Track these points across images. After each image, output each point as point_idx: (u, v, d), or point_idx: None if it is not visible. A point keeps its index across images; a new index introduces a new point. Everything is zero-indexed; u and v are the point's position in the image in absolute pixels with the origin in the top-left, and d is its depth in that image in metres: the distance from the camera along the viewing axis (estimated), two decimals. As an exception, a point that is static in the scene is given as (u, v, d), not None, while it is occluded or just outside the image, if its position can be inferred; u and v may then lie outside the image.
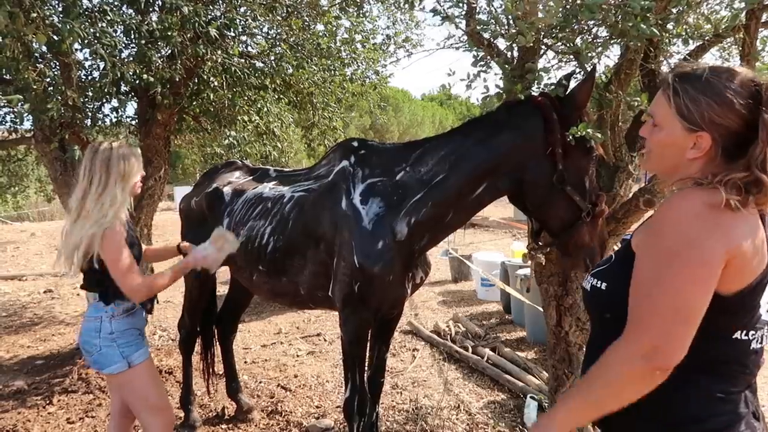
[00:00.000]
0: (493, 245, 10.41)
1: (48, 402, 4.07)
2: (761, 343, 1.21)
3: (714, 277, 1.10)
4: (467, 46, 2.66)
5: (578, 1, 2.12)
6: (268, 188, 3.17)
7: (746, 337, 1.18)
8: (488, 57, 2.58)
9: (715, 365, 1.18)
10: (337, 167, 2.74)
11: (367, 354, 2.90)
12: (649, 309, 1.12)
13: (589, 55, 2.23)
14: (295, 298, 2.93)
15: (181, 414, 3.71)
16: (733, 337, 1.17)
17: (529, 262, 2.74)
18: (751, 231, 1.13)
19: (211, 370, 3.86)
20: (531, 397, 3.82)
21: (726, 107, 1.15)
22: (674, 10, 2.01)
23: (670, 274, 1.11)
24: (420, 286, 2.86)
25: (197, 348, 3.85)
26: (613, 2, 2.00)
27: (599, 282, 1.31)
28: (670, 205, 1.18)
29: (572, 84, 2.35)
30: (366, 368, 2.89)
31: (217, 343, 3.93)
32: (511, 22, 2.36)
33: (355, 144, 2.81)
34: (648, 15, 1.81)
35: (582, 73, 2.40)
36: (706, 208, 1.11)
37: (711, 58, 3.18)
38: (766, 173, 1.13)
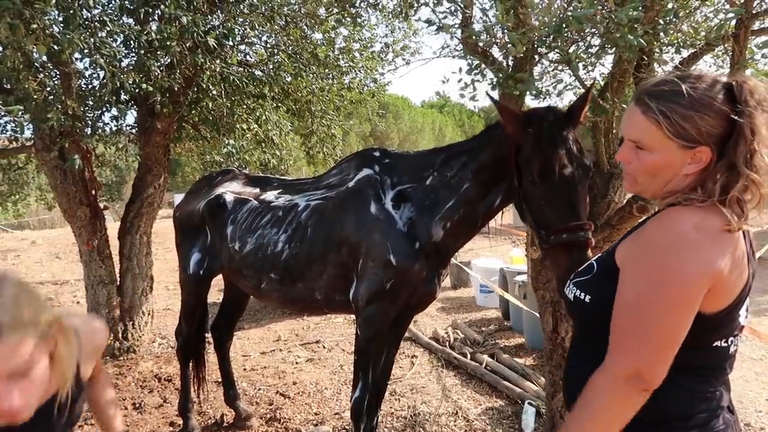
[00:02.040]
0: (492, 252, 10.40)
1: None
2: (737, 345, 1.26)
3: (696, 303, 1.12)
4: (462, 54, 2.69)
5: (569, 12, 2.15)
6: (274, 197, 3.21)
7: (725, 344, 1.22)
8: (482, 65, 2.62)
9: (697, 370, 1.21)
10: (359, 175, 2.82)
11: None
12: (632, 332, 1.14)
13: (581, 64, 2.25)
14: (311, 304, 2.99)
15: (180, 421, 3.72)
16: (713, 345, 1.21)
17: (527, 266, 2.77)
18: (733, 251, 1.14)
19: (201, 376, 3.85)
20: (529, 404, 3.83)
21: (717, 116, 1.16)
22: (662, 21, 2.04)
23: (655, 299, 1.12)
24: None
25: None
26: (601, 13, 2.03)
27: (582, 293, 1.31)
28: (661, 225, 1.18)
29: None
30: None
31: (213, 350, 3.93)
32: (503, 32, 2.39)
33: (377, 154, 2.91)
34: (636, 26, 1.84)
35: (575, 81, 2.43)
36: (695, 230, 1.12)
37: (704, 66, 3.22)
38: (752, 170, 1.13)
